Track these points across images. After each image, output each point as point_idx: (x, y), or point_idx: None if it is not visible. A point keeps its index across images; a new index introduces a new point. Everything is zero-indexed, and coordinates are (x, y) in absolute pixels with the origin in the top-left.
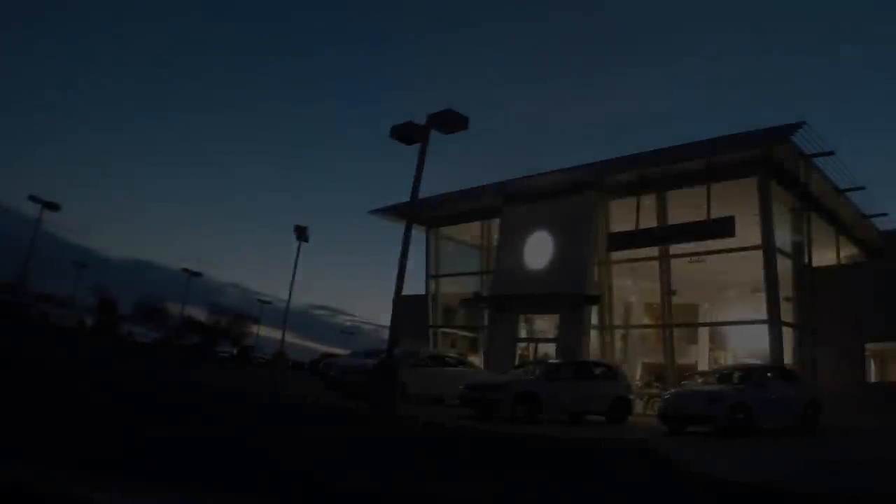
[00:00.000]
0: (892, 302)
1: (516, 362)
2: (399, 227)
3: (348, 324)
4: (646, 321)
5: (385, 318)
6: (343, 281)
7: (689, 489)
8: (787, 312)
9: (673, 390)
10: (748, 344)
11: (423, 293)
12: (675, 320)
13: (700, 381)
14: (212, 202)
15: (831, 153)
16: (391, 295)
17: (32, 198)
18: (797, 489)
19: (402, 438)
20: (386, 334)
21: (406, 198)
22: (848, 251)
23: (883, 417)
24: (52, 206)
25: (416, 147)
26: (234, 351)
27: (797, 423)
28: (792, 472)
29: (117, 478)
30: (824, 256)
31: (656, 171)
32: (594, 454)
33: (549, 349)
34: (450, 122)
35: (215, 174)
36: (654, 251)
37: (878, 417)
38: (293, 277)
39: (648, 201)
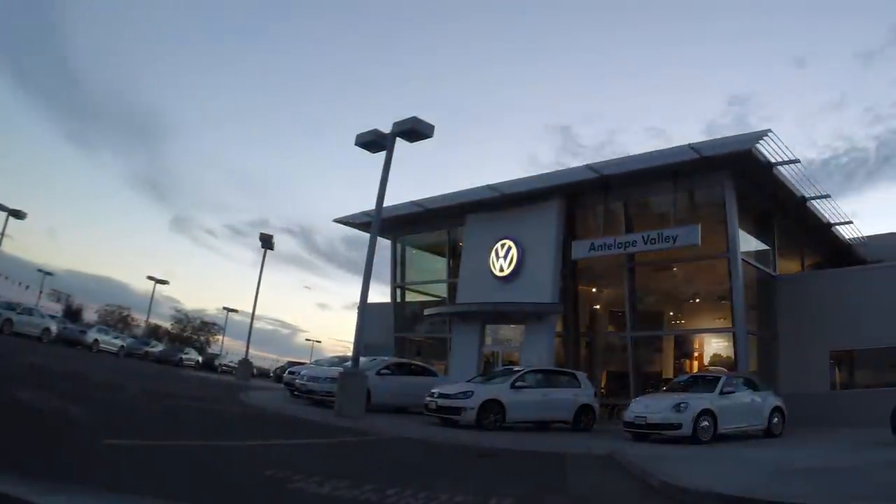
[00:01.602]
0: (856, 309)
1: (481, 370)
2: (365, 236)
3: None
4: (610, 329)
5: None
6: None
7: (653, 498)
8: (752, 320)
9: (638, 398)
10: (714, 352)
11: (389, 301)
12: (639, 328)
13: (665, 389)
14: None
15: (796, 161)
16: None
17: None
18: (759, 497)
19: (366, 447)
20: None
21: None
22: (813, 259)
23: (848, 424)
24: (17, 215)
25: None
26: (200, 359)
27: (762, 431)
28: (755, 479)
29: (70, 485)
30: (790, 264)
31: (621, 179)
32: (559, 462)
33: (514, 357)
34: (415, 130)
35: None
36: (618, 259)
37: (843, 424)
38: (258, 286)
39: (613, 209)
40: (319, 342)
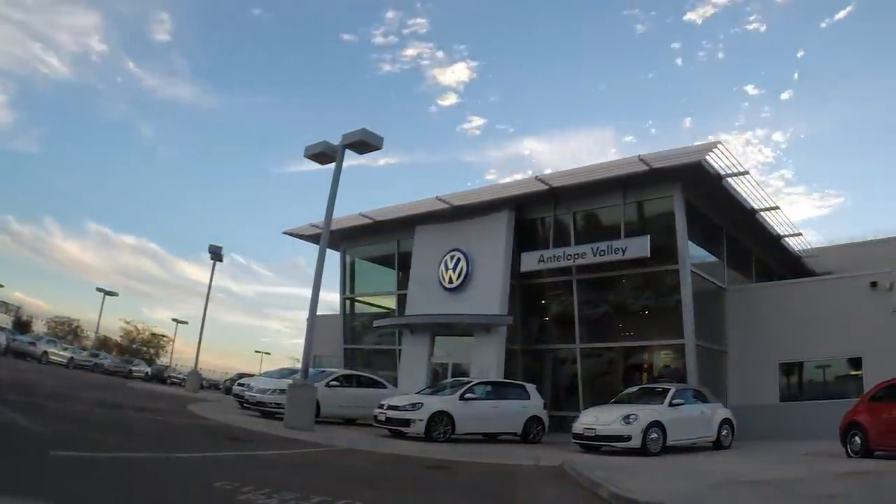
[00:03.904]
0: (805, 321)
1: (431, 382)
2: (314, 247)
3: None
4: (560, 341)
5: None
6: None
7: None
8: (701, 332)
9: (588, 410)
10: (663, 364)
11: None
12: (588, 340)
13: (614, 401)
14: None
15: (745, 173)
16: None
17: None
18: None
19: (315, 458)
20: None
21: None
22: (763, 270)
23: (797, 435)
24: None
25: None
26: (149, 370)
27: (712, 443)
28: (703, 491)
29: (15, 498)
30: (740, 276)
31: (571, 191)
32: (509, 474)
33: (464, 369)
34: (364, 142)
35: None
36: (567, 270)
37: (792, 435)
38: (207, 296)
39: (563, 220)
40: (269, 354)
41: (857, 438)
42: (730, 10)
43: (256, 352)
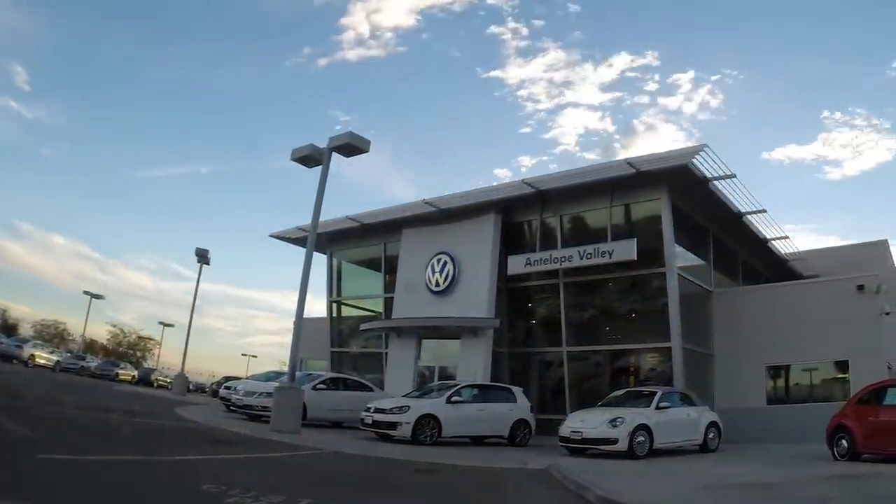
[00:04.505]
0: (792, 324)
1: (417, 385)
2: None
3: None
4: (546, 344)
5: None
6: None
7: None
8: (688, 335)
9: (574, 413)
10: (650, 367)
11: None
12: (574, 343)
13: (601, 404)
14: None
15: (732, 176)
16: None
17: None
18: None
19: (302, 461)
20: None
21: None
22: (750, 274)
23: (784, 439)
24: None
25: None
26: (136, 373)
27: (698, 446)
28: (690, 494)
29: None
30: (727, 279)
31: (558, 194)
32: (495, 477)
33: (450, 372)
34: (351, 145)
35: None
36: (554, 273)
37: (779, 439)
38: (194, 300)
39: (550, 223)
40: (255, 357)
41: (843, 442)
42: None
43: (243, 355)
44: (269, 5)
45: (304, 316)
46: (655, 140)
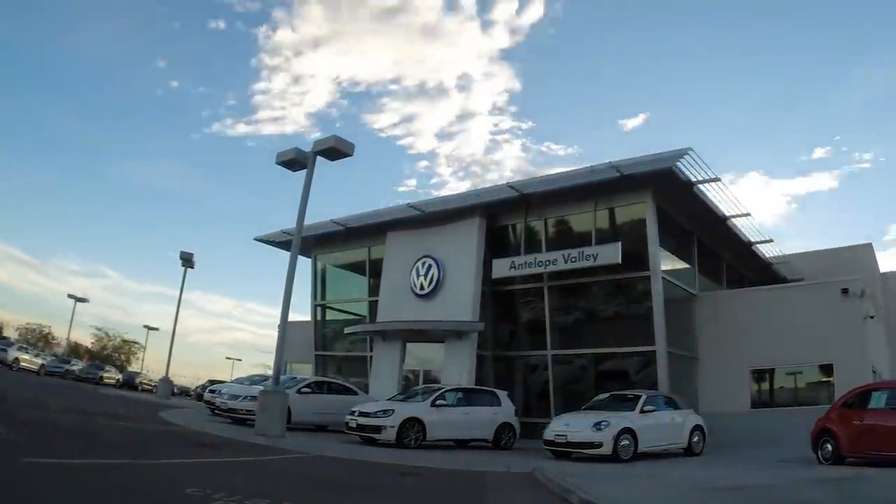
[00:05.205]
0: (776, 327)
1: (402, 388)
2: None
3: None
4: (531, 347)
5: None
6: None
7: None
8: (673, 338)
9: (559, 416)
10: (634, 370)
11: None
12: (559, 347)
13: (585, 407)
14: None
15: (717, 179)
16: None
17: None
18: None
19: (286, 465)
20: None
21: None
22: (734, 277)
23: (769, 442)
24: None
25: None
26: (120, 377)
27: (683, 449)
28: (675, 498)
29: None
30: (711, 282)
31: (542, 197)
32: (480, 480)
33: (435, 375)
34: (336, 149)
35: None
36: (539, 276)
37: (763, 442)
38: (178, 304)
39: (535, 227)
40: (240, 360)
41: (828, 445)
42: None
43: (227, 358)
44: None
45: (289, 319)
46: None
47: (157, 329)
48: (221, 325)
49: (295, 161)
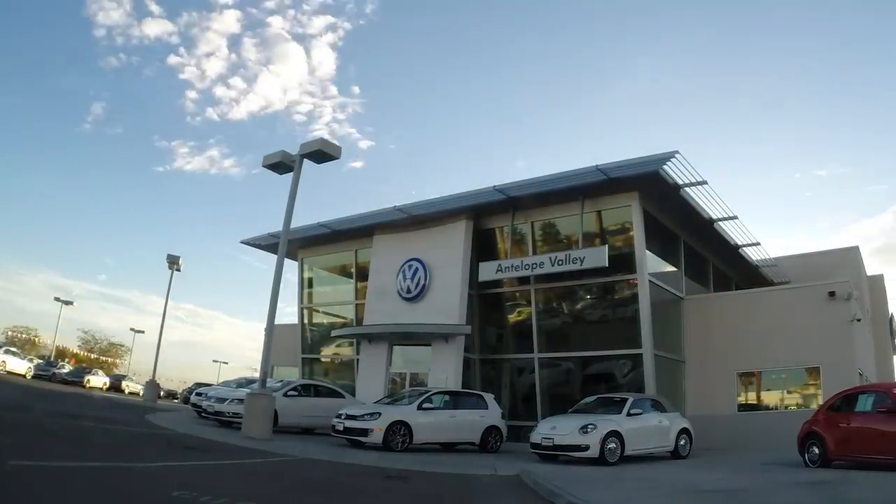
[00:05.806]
0: (763, 331)
1: (389, 392)
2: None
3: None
4: (518, 351)
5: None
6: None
7: None
8: (659, 341)
9: (546, 419)
10: (621, 373)
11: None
12: (546, 350)
13: (572, 410)
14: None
15: (704, 182)
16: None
17: None
18: None
19: (273, 468)
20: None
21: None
22: (721, 280)
23: (755, 445)
24: None
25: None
26: (107, 380)
27: (670, 452)
28: (661, 500)
29: None
30: (697, 285)
31: (529, 200)
32: (467, 483)
33: (422, 379)
34: (322, 152)
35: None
36: (525, 279)
37: (750, 445)
38: (165, 306)
39: (521, 230)
40: (227, 363)
41: (815, 448)
42: None
43: (214, 361)
44: None
45: (275, 322)
46: None
47: (142, 332)
48: (207, 328)
49: (281, 164)
